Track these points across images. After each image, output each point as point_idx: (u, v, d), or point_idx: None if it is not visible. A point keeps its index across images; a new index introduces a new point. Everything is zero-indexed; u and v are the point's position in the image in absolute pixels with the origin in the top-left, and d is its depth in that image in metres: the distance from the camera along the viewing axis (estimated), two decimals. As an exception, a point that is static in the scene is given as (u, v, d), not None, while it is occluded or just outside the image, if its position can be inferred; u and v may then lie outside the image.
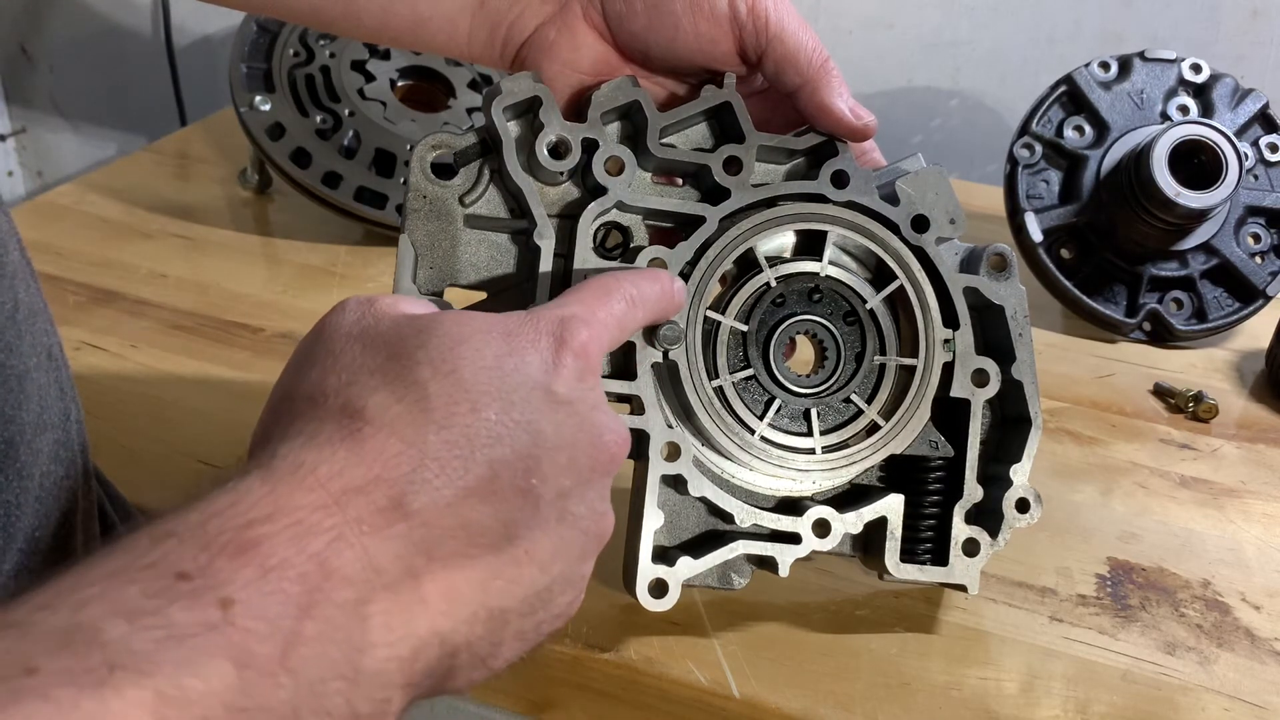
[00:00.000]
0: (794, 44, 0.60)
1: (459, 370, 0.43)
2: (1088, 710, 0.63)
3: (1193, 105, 1.04)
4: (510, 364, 0.44)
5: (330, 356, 0.44)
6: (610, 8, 0.60)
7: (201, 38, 1.62)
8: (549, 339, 0.46)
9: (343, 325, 0.46)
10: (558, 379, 0.45)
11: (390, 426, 0.41)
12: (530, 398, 0.44)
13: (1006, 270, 0.64)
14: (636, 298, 0.53)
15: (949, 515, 0.64)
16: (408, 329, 0.44)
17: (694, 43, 0.60)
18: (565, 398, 0.45)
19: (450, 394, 0.42)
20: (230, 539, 0.37)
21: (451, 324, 0.45)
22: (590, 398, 0.46)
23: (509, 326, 0.46)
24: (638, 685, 0.64)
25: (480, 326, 0.45)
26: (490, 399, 0.43)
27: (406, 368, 0.43)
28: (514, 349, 0.45)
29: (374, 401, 0.42)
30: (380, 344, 0.44)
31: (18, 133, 1.80)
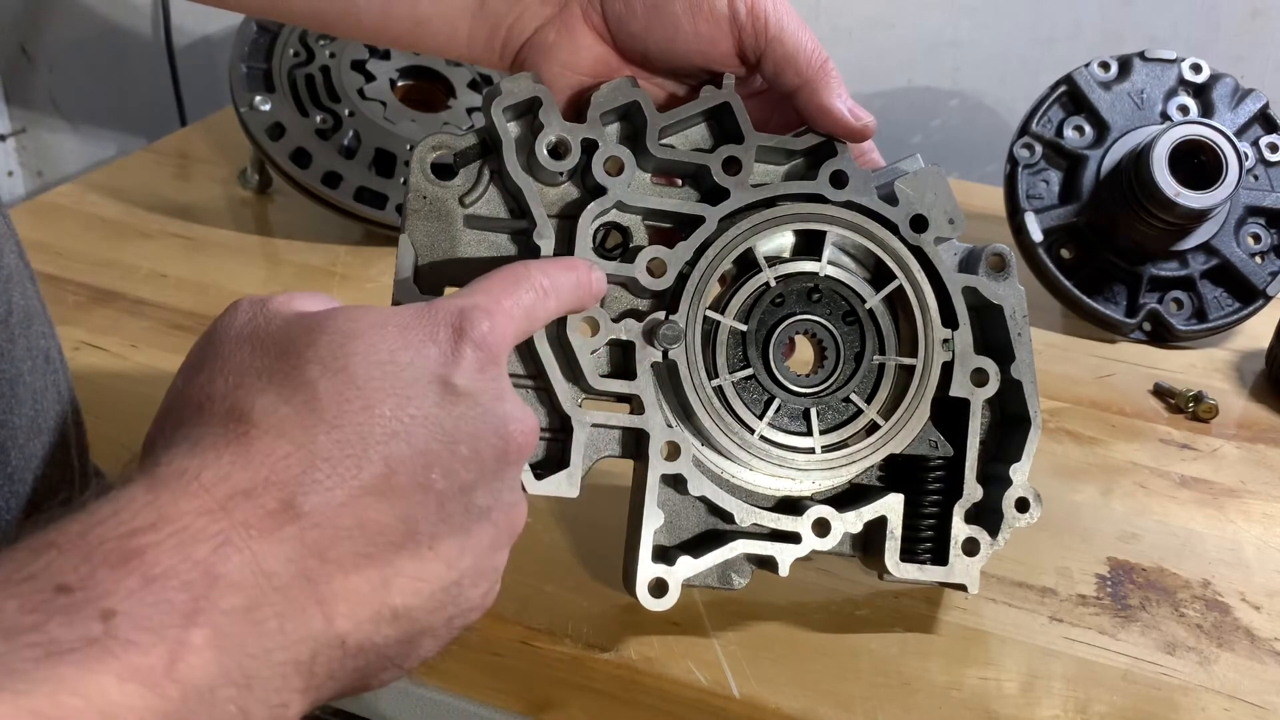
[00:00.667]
0: (793, 45, 0.60)
1: (350, 367, 0.42)
2: (1088, 710, 0.63)
3: (1193, 105, 1.04)
4: (405, 358, 0.43)
5: (218, 359, 0.43)
6: (610, 9, 0.60)
7: (201, 38, 1.62)
8: (447, 330, 0.45)
9: (233, 327, 0.44)
10: (456, 371, 0.44)
11: (278, 428, 0.40)
12: (427, 392, 0.43)
13: (1005, 270, 0.64)
14: (548, 287, 0.52)
15: (949, 515, 0.64)
16: (298, 328, 0.43)
17: (693, 43, 0.60)
18: (465, 390, 0.44)
19: (341, 392, 0.41)
20: (112, 548, 0.36)
21: (343, 320, 0.44)
22: (493, 388, 0.45)
23: (404, 320, 0.45)
24: (638, 685, 0.64)
25: (373, 321, 0.44)
26: (384, 395, 0.42)
27: (295, 367, 0.42)
28: (409, 342, 0.44)
29: (261, 403, 0.41)
30: (269, 344, 0.43)
31: (18, 133, 1.80)
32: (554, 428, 0.61)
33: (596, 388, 0.60)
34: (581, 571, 0.70)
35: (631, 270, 0.60)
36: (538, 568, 0.70)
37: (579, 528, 0.73)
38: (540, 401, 0.61)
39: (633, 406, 0.62)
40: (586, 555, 0.71)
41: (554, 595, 0.68)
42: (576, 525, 0.73)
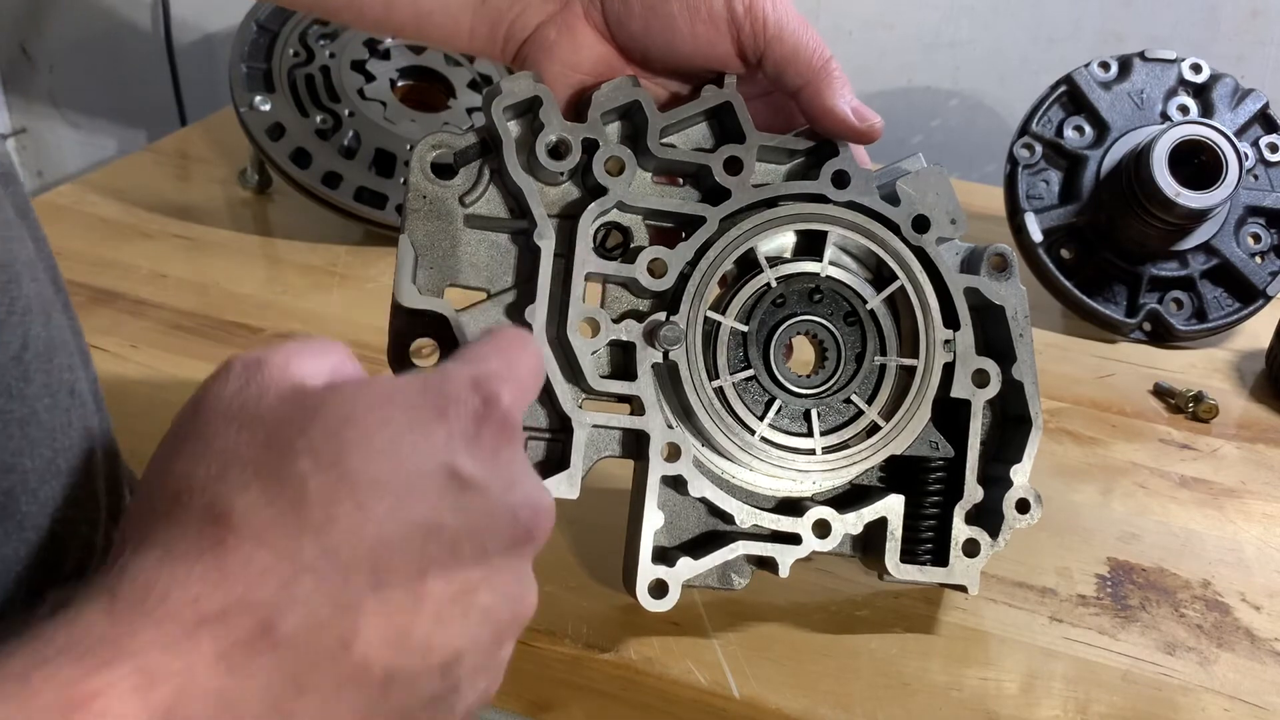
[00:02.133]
0: (793, 44, 0.59)
1: (344, 459, 0.37)
2: (1088, 710, 0.63)
3: (1193, 105, 1.04)
4: (408, 444, 0.39)
5: (201, 441, 0.39)
6: (609, 9, 0.60)
7: (202, 37, 1.62)
8: (459, 407, 0.40)
9: (221, 400, 0.40)
10: (467, 458, 0.39)
11: (259, 535, 0.36)
12: (430, 484, 0.39)
13: (1007, 270, 0.64)
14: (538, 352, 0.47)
15: (949, 516, 0.64)
16: (291, 409, 0.39)
17: (692, 45, 0.60)
18: (472, 480, 0.39)
19: (332, 490, 0.37)
20: (54, 700, 0.32)
21: (341, 401, 0.39)
22: (505, 475, 0.41)
23: (410, 397, 0.40)
24: (638, 685, 0.64)
25: (375, 400, 0.39)
26: (380, 492, 0.38)
27: (284, 458, 0.37)
28: (414, 424, 0.39)
29: (242, 502, 0.37)
30: (258, 426, 0.39)
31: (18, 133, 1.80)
32: (554, 428, 0.62)
33: (597, 388, 0.60)
34: (581, 571, 0.70)
35: (632, 271, 0.60)
36: (538, 568, 0.69)
37: (579, 528, 0.73)
38: (540, 402, 0.61)
39: (633, 407, 0.62)
40: (586, 555, 0.71)
41: (554, 595, 0.68)
42: (576, 525, 0.73)
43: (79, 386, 0.48)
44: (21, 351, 0.44)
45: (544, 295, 0.60)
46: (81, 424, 0.48)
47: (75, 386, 0.48)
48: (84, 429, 0.48)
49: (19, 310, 0.44)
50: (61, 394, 0.47)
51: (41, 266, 0.47)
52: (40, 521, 0.45)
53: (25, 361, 0.45)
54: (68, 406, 0.47)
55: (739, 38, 0.59)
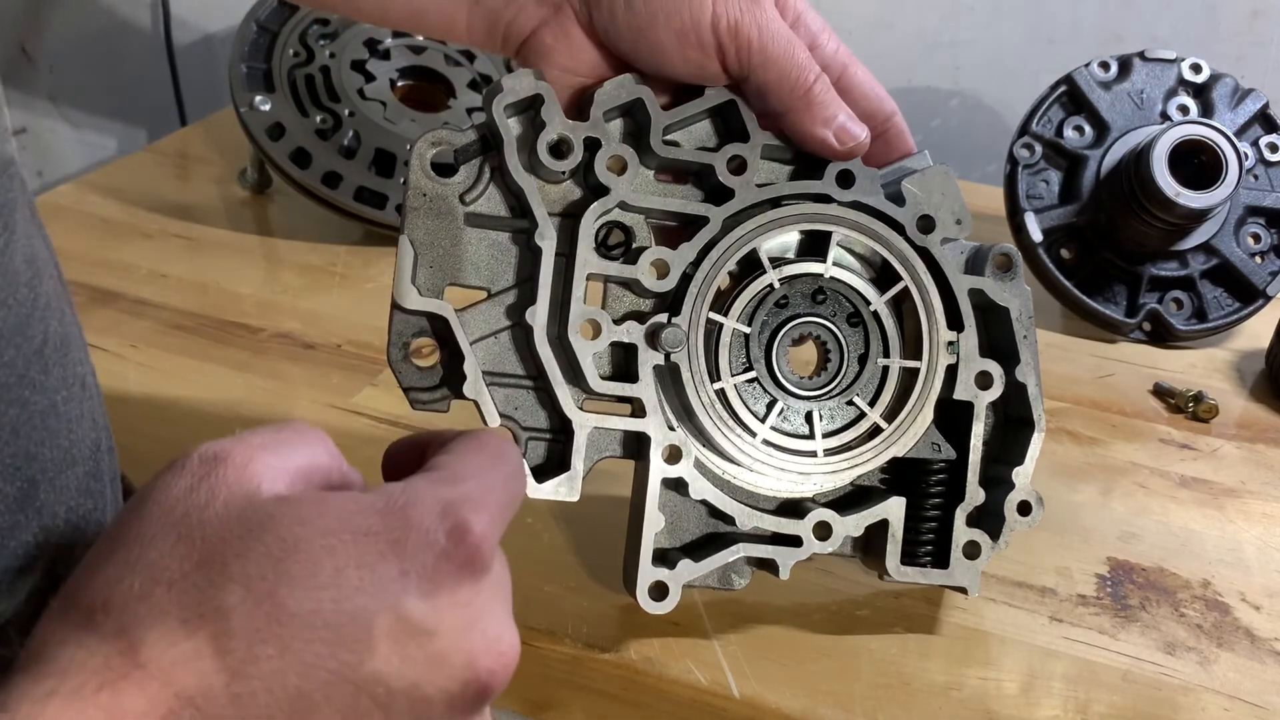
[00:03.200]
0: (776, 73, 0.59)
1: (278, 593, 0.34)
2: (1088, 710, 0.63)
3: (1193, 105, 1.04)
4: (352, 581, 0.35)
5: (137, 545, 0.35)
6: (599, 27, 0.60)
7: (202, 37, 1.62)
8: (420, 538, 0.36)
9: (168, 499, 0.36)
10: (419, 600, 0.36)
11: (166, 673, 0.33)
12: (371, 631, 0.35)
13: (1011, 271, 0.64)
14: (518, 462, 0.43)
15: (950, 517, 0.64)
16: (236, 524, 0.36)
17: (682, 67, 0.59)
18: (421, 625, 0.36)
19: (257, 629, 0.34)
20: None
21: (290, 522, 0.35)
22: (463, 616, 0.37)
23: (366, 523, 0.36)
24: (638, 685, 0.64)
25: (326, 526, 0.36)
26: (311, 634, 0.34)
27: (215, 584, 0.34)
28: (363, 557, 0.35)
29: (157, 633, 0.33)
30: (196, 540, 0.35)
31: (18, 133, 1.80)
32: (554, 429, 0.61)
33: (598, 390, 0.60)
34: (581, 571, 0.70)
35: (634, 272, 0.60)
36: (538, 568, 0.70)
37: (579, 528, 0.73)
38: (541, 403, 0.61)
39: (634, 409, 0.62)
40: (586, 555, 0.71)
41: (554, 595, 0.68)
42: (576, 525, 0.73)
43: (89, 379, 0.49)
44: (42, 345, 0.45)
45: (545, 295, 0.60)
46: (91, 415, 0.48)
47: (86, 379, 0.49)
48: (93, 420, 0.49)
49: (41, 305, 0.45)
50: (75, 386, 0.47)
51: (53, 265, 0.48)
52: (57, 509, 0.45)
53: (45, 355, 0.45)
54: (80, 398, 0.48)
55: (724, 61, 0.59)
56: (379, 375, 0.90)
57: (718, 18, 0.58)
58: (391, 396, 0.84)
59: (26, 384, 0.44)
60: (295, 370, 0.91)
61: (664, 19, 0.58)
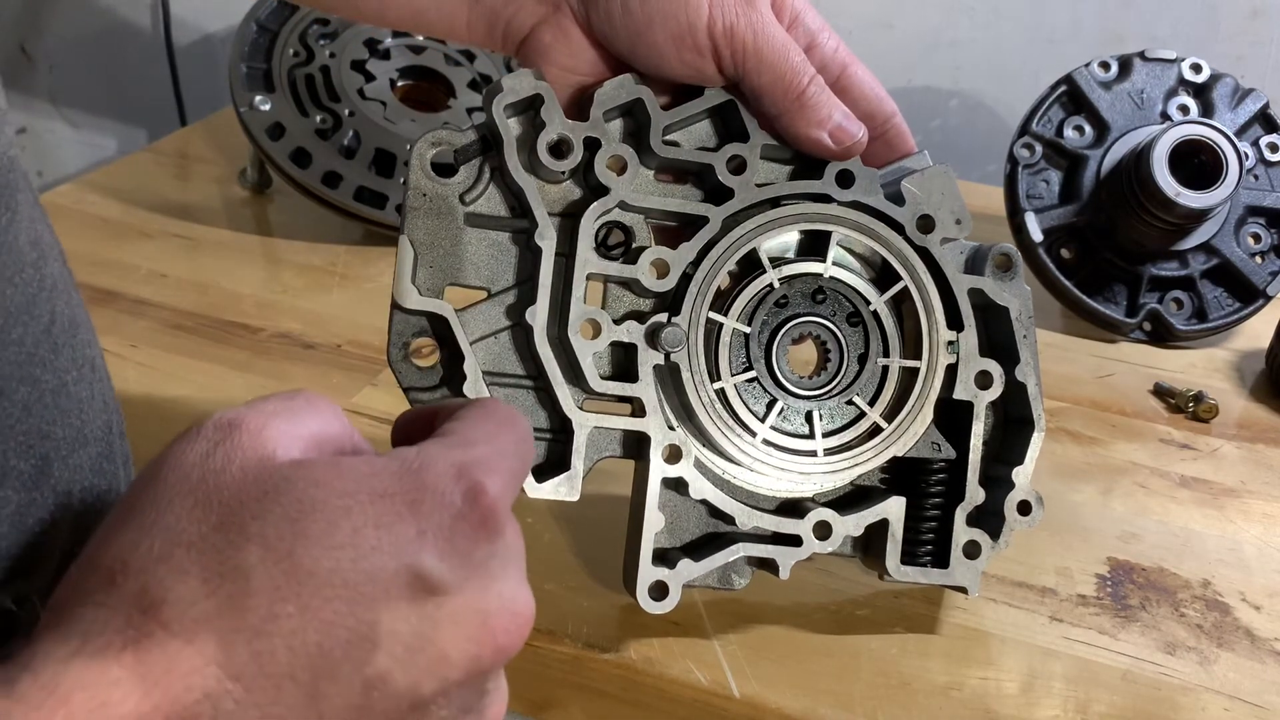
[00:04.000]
0: (770, 77, 0.59)
1: (297, 552, 0.34)
2: (1088, 710, 0.63)
3: (1193, 105, 1.04)
4: (371, 539, 0.35)
5: (152, 512, 0.36)
6: (597, 29, 0.60)
7: (202, 37, 1.62)
8: (436, 499, 0.37)
9: (183, 466, 0.37)
10: (436, 558, 0.36)
11: (189, 631, 0.33)
12: (388, 588, 0.35)
13: (1011, 270, 0.64)
14: (527, 428, 0.44)
15: (950, 517, 0.64)
16: (253, 486, 0.36)
17: (679, 69, 0.60)
18: (439, 582, 0.36)
19: (277, 587, 0.34)
20: None
21: (307, 485, 0.36)
22: (480, 575, 0.37)
23: (382, 485, 0.36)
24: (638, 685, 0.64)
25: (343, 485, 0.36)
26: (330, 593, 0.34)
27: (234, 544, 0.35)
28: (381, 518, 0.36)
29: (178, 592, 0.34)
30: (214, 503, 0.36)
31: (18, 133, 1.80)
32: (554, 429, 0.61)
33: (598, 390, 0.60)
34: (581, 571, 0.70)
35: (634, 271, 0.60)
36: (538, 568, 0.69)
37: (579, 528, 0.73)
38: (541, 403, 0.61)
39: (634, 409, 0.62)
40: (586, 555, 0.71)
41: (554, 595, 0.68)
42: (576, 525, 0.73)
43: (98, 361, 0.49)
44: (50, 325, 0.45)
45: (545, 295, 0.60)
46: (101, 397, 0.49)
47: (95, 361, 0.49)
48: (103, 401, 0.49)
49: (48, 286, 0.45)
50: (85, 367, 0.48)
51: (58, 249, 0.48)
52: (70, 488, 0.45)
53: (54, 335, 0.45)
54: (90, 379, 0.48)
55: (720, 64, 0.59)
56: (379, 375, 0.90)
57: (713, 21, 0.58)
58: (391, 396, 0.84)
59: (36, 362, 0.44)
60: (295, 370, 0.91)
61: (660, 22, 0.58)
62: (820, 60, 0.61)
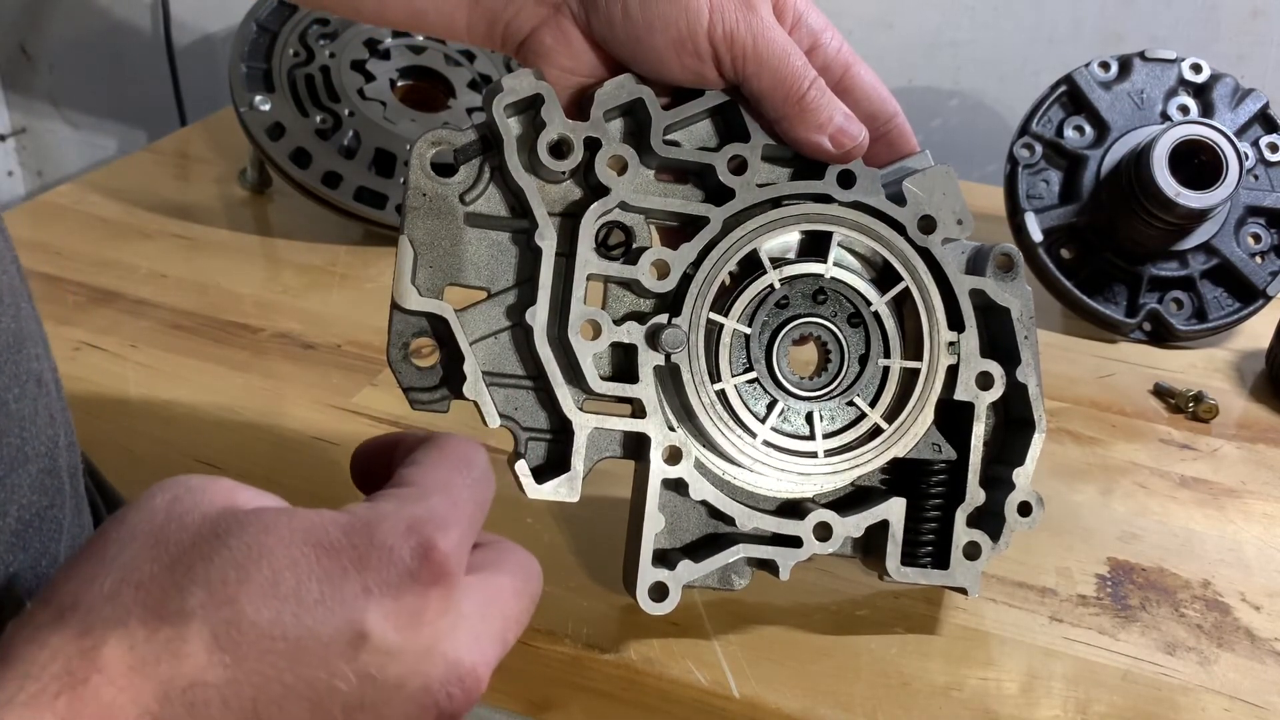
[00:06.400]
0: (770, 81, 0.59)
1: (238, 601, 0.34)
2: (1088, 710, 0.63)
3: (1193, 105, 1.04)
4: (313, 594, 0.35)
5: (115, 546, 0.36)
6: (597, 32, 0.60)
7: (202, 37, 1.62)
8: (384, 557, 0.36)
9: (150, 508, 0.37)
10: (380, 618, 0.35)
11: (123, 679, 0.33)
12: (328, 647, 0.35)
13: (1013, 271, 0.64)
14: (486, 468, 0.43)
15: (950, 518, 0.64)
16: (206, 531, 0.36)
17: (680, 73, 0.60)
18: (382, 644, 0.35)
19: (216, 635, 0.34)
20: None
21: (257, 530, 0.36)
22: (425, 639, 0.36)
23: (330, 538, 0.36)
24: (638, 685, 0.64)
25: (291, 537, 0.36)
26: (269, 645, 0.34)
27: (179, 586, 0.35)
28: (328, 571, 0.35)
29: (117, 637, 0.34)
30: (168, 547, 0.36)
31: (18, 133, 1.80)
32: (554, 430, 0.61)
33: (598, 390, 0.60)
34: (581, 572, 0.70)
35: (635, 272, 0.60)
36: (538, 568, 0.70)
37: (579, 528, 0.73)
38: (541, 403, 0.61)
39: (634, 409, 0.62)
40: (586, 555, 0.71)
41: (554, 595, 0.68)
42: (577, 525, 0.73)
43: (45, 376, 0.48)
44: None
45: (545, 296, 0.60)
46: (47, 411, 0.48)
47: (42, 376, 0.48)
48: (49, 416, 0.48)
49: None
50: (30, 383, 0.47)
51: (9, 258, 0.47)
52: (9, 507, 0.45)
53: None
54: (35, 395, 0.47)
55: (720, 67, 0.59)
56: (379, 375, 0.90)
57: (713, 26, 0.58)
58: (391, 396, 0.84)
59: None
60: (295, 370, 0.91)
61: (660, 27, 0.58)
62: (823, 61, 0.61)
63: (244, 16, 1.15)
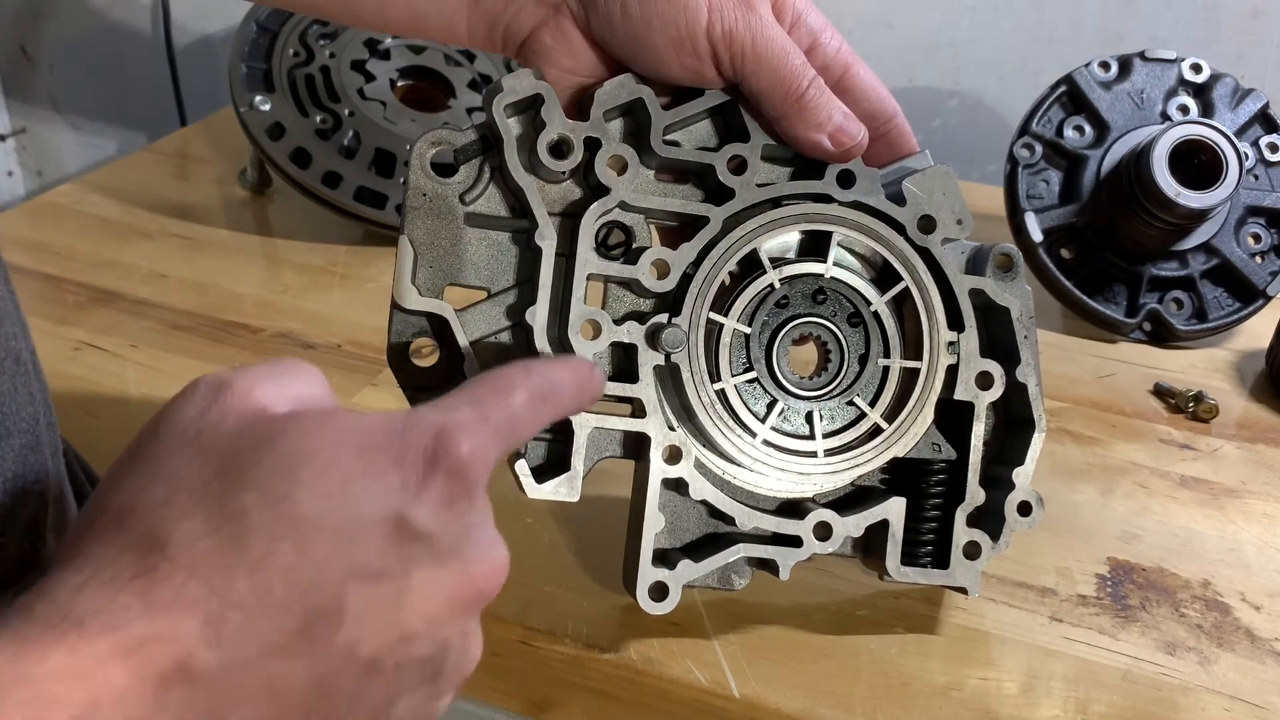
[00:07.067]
0: (769, 80, 0.59)
1: (291, 497, 0.37)
2: (1088, 710, 0.63)
3: (1193, 105, 1.04)
4: (359, 489, 0.38)
5: (155, 462, 0.38)
6: (596, 31, 0.60)
7: (201, 37, 1.62)
8: (417, 454, 0.39)
9: (181, 421, 0.39)
10: (418, 507, 0.38)
11: (193, 565, 0.35)
12: (375, 532, 0.38)
13: (1013, 270, 0.64)
14: (546, 390, 0.45)
15: (950, 518, 0.64)
16: (248, 438, 0.38)
17: (679, 73, 0.60)
18: (423, 531, 0.38)
19: (274, 528, 0.36)
20: None
21: (299, 436, 0.38)
22: (458, 526, 0.40)
23: (370, 439, 0.39)
24: (638, 685, 0.64)
25: (332, 439, 0.39)
26: (323, 535, 0.37)
27: (232, 489, 0.37)
28: (369, 468, 0.38)
29: (182, 531, 0.36)
30: (212, 453, 0.38)
31: (18, 133, 1.80)
32: (554, 429, 0.61)
33: (598, 389, 0.60)
34: (581, 572, 0.70)
35: (635, 272, 0.60)
36: (538, 568, 0.70)
37: (579, 528, 0.73)
38: (541, 402, 0.61)
39: (634, 409, 0.62)
40: (586, 555, 0.71)
41: (554, 595, 0.68)
42: (577, 525, 0.73)
43: (23, 355, 0.50)
44: None
45: (545, 296, 0.60)
46: (26, 389, 0.49)
47: (20, 355, 0.49)
48: (29, 393, 0.49)
49: None
50: (8, 361, 0.48)
51: None
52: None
53: None
54: (14, 373, 0.48)
55: (719, 67, 0.59)
56: (379, 375, 0.90)
57: (712, 25, 0.58)
58: (391, 396, 0.84)
59: None
60: (295, 370, 0.91)
61: (660, 26, 0.58)
62: (822, 61, 0.61)
63: (244, 16, 1.15)
